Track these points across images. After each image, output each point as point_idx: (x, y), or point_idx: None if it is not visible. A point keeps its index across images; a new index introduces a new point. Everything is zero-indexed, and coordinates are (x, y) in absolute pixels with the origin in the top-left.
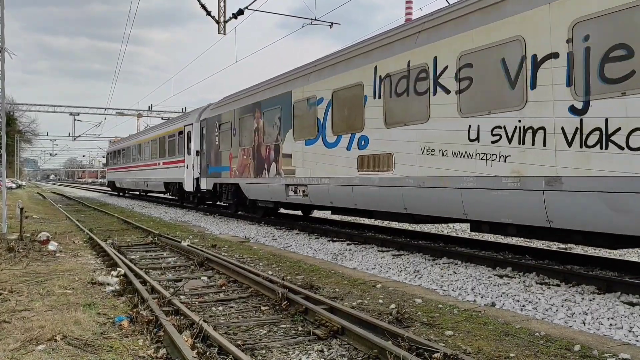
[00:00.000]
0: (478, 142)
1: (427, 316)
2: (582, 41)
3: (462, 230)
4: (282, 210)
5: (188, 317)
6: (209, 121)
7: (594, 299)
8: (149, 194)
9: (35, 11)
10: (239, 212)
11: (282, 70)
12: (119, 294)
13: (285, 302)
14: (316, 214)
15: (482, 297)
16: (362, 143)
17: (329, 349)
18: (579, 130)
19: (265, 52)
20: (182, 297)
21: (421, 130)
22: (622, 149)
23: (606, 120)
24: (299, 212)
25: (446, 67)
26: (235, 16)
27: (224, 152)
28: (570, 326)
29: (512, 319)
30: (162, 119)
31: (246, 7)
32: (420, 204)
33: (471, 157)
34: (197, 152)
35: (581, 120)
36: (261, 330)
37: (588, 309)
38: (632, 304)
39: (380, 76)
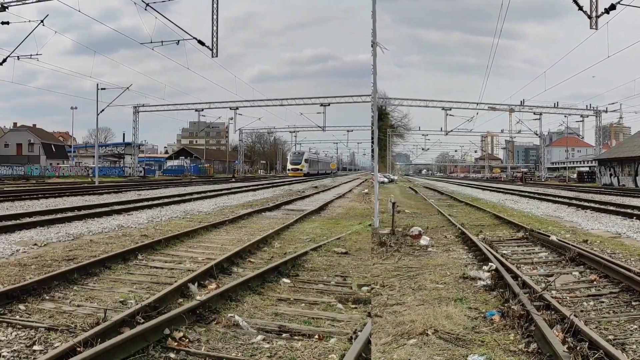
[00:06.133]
0: None
1: None
2: None
3: None
4: None
5: (559, 311)
6: None
7: None
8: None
9: (407, 4)
10: (610, 208)
11: None
12: (490, 288)
13: None
14: None
15: None
16: None
17: None
18: None
19: None
20: (552, 292)
21: None
22: None
23: None
24: None
25: None
26: (607, 11)
27: None
28: None
29: None
30: (534, 114)
31: (618, 2)
32: None
33: None
34: None
35: None
36: (632, 325)
37: None
38: None
39: None
